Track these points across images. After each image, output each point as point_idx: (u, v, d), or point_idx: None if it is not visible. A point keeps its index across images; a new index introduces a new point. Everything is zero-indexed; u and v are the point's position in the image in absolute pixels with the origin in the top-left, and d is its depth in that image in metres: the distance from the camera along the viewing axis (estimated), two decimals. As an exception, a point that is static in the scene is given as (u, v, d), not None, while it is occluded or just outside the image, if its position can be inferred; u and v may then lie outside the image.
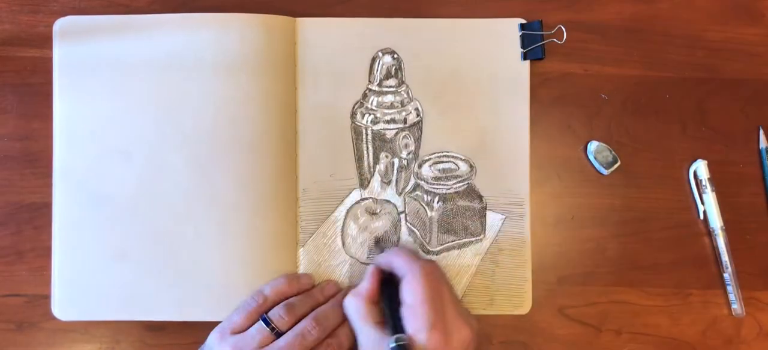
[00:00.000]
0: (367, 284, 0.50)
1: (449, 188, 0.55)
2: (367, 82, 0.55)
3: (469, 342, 0.47)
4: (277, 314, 0.50)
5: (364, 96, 0.55)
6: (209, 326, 0.54)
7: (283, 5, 0.55)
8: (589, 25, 0.56)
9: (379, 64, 0.55)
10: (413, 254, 0.50)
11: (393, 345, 0.45)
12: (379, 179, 0.56)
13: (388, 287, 0.50)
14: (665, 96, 0.56)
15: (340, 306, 0.51)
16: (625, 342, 0.55)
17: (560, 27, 0.55)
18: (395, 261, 0.50)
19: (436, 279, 0.48)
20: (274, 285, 0.52)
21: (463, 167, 0.55)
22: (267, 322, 0.50)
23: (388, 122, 0.55)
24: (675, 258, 0.56)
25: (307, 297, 0.52)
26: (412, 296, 0.47)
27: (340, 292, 0.54)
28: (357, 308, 0.49)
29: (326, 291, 0.54)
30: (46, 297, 0.54)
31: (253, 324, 0.51)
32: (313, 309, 0.51)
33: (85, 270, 0.53)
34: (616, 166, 0.55)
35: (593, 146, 0.55)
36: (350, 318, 0.50)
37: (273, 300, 0.52)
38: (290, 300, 0.51)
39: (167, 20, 0.54)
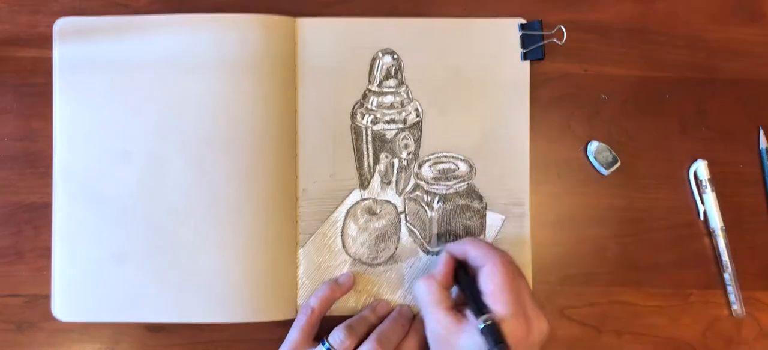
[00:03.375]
0: (441, 268, 0.49)
1: (449, 189, 0.55)
2: (367, 82, 0.55)
3: (545, 335, 0.47)
4: (337, 339, 0.50)
5: (364, 96, 0.55)
6: (209, 327, 0.54)
7: (283, 5, 0.55)
8: (589, 25, 0.56)
9: (379, 64, 0.55)
10: (489, 245, 0.49)
11: (482, 325, 0.44)
12: (379, 179, 0.56)
13: (462, 274, 0.49)
14: (665, 96, 0.56)
15: (400, 323, 0.52)
16: (626, 343, 0.55)
17: (560, 27, 0.55)
18: (470, 251, 0.49)
19: (515, 271, 0.48)
20: (319, 294, 0.53)
21: (463, 167, 0.55)
22: (329, 347, 0.50)
23: (388, 122, 0.55)
24: (675, 258, 0.56)
25: (363, 319, 0.52)
26: (492, 283, 0.46)
27: (393, 310, 0.54)
28: (430, 291, 0.48)
29: (378, 310, 0.53)
30: (46, 297, 0.54)
31: (309, 338, 0.51)
32: (370, 329, 0.51)
33: (85, 271, 0.53)
34: (616, 166, 0.55)
35: (593, 146, 0.55)
36: (420, 302, 0.49)
37: (320, 310, 0.52)
38: (348, 321, 0.51)
39: (167, 20, 0.54)
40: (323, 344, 0.50)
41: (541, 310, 0.47)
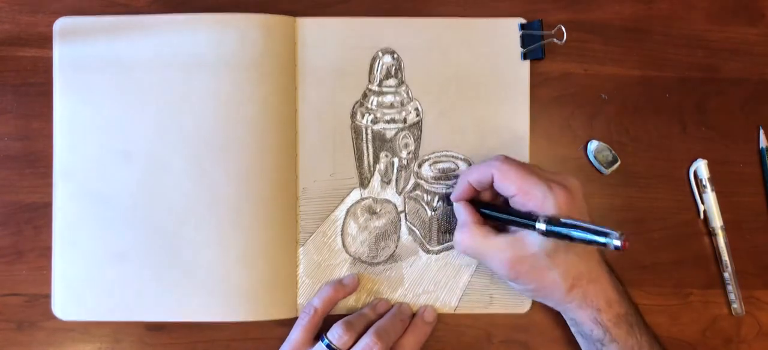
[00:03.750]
0: (465, 214, 0.50)
1: (449, 188, 0.55)
2: (367, 82, 0.55)
3: (579, 186, 0.48)
4: (336, 334, 0.50)
5: (364, 96, 0.55)
6: (209, 326, 0.54)
7: (283, 5, 0.55)
8: (589, 25, 0.56)
9: (379, 64, 0.55)
10: (480, 164, 0.50)
11: (544, 227, 0.44)
12: (379, 178, 0.56)
13: (485, 209, 0.50)
14: (665, 96, 0.56)
15: (399, 319, 0.52)
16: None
17: (560, 27, 0.55)
18: (472, 178, 0.50)
19: (515, 161, 0.48)
20: (321, 294, 0.53)
21: (463, 167, 0.55)
22: (328, 344, 0.50)
23: (387, 121, 0.55)
24: (675, 258, 0.56)
25: (362, 315, 0.52)
26: (510, 184, 0.47)
27: (393, 307, 0.54)
28: (473, 236, 0.49)
29: (378, 308, 0.53)
30: (46, 297, 0.54)
31: (311, 337, 0.51)
32: (369, 325, 0.51)
33: (85, 270, 0.53)
34: (616, 166, 0.55)
35: (593, 145, 0.55)
36: (475, 252, 0.49)
37: (323, 310, 0.52)
38: (347, 318, 0.51)
39: (167, 20, 0.54)
40: (322, 340, 0.50)
41: (563, 172, 0.49)
